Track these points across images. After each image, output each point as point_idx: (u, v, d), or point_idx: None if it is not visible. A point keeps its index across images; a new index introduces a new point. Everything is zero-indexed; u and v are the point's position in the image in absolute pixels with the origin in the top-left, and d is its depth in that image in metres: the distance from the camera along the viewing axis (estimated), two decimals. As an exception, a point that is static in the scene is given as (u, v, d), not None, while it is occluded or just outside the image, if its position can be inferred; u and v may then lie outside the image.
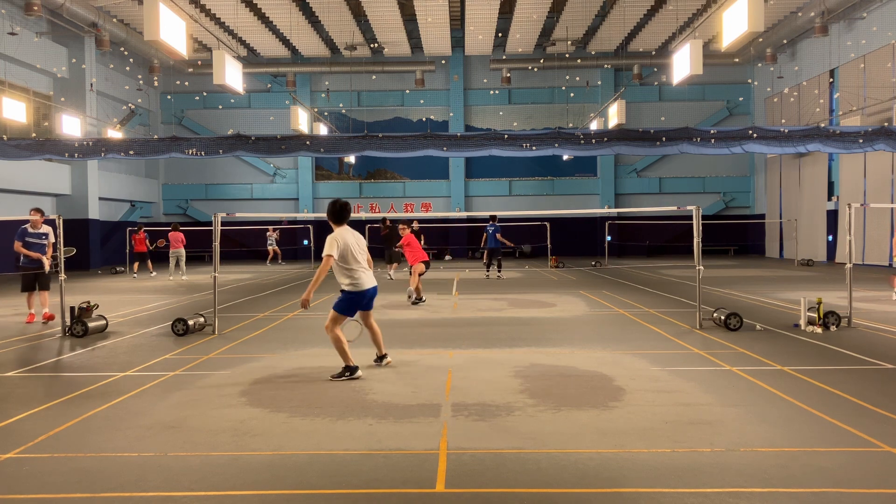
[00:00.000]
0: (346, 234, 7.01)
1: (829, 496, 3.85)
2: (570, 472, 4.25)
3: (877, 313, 11.50)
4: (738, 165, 34.94)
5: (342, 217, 7.15)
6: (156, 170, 35.34)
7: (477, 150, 21.12)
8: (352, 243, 6.98)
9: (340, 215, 7.14)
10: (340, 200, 7.19)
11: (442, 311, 12.50)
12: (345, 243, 6.93)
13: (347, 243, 6.94)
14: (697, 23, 25.16)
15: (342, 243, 6.92)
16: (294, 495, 3.96)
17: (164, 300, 15.04)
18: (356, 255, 6.98)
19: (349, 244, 6.95)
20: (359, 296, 7.00)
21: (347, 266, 6.94)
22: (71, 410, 5.80)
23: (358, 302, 7.05)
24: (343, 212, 7.14)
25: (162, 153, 21.85)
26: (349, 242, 6.96)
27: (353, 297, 6.99)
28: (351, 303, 7.01)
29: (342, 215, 7.15)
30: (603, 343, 8.89)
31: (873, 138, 19.83)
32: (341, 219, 7.14)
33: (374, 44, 31.53)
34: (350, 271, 6.95)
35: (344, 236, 6.98)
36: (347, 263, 6.93)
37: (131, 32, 27.50)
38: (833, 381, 6.57)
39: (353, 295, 6.98)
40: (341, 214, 7.14)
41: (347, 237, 7.00)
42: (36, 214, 11.37)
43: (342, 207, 7.15)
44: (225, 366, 7.66)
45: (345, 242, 6.93)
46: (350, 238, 7.02)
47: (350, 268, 6.95)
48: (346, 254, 6.92)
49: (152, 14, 15.11)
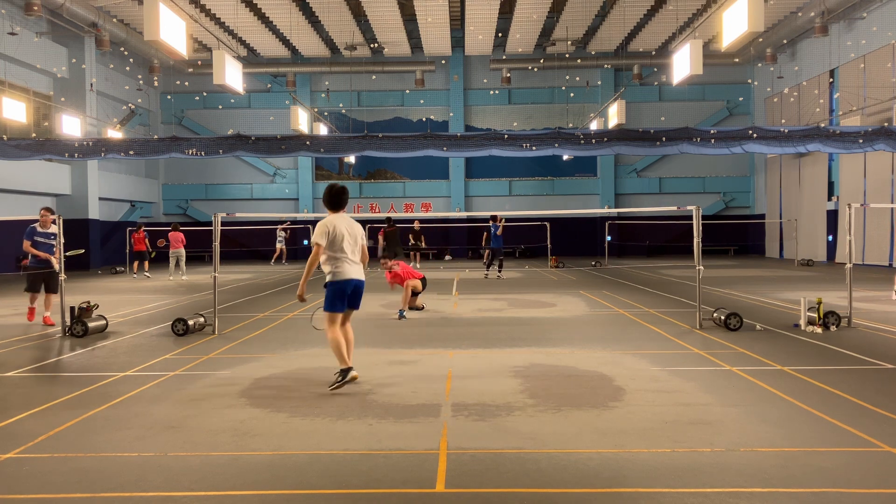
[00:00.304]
0: (337, 222, 6.57)
1: (829, 496, 3.85)
2: (570, 472, 4.25)
3: (877, 313, 11.50)
4: (738, 165, 34.94)
5: (338, 203, 6.69)
6: (156, 170, 35.35)
7: (477, 150, 21.12)
8: (344, 232, 6.55)
9: (336, 201, 6.69)
10: (338, 185, 6.75)
11: (442, 311, 12.50)
12: (335, 231, 6.50)
13: (338, 231, 6.51)
14: (697, 23, 25.16)
15: (332, 231, 6.49)
16: (294, 495, 3.96)
17: (164, 300, 15.04)
18: (343, 245, 6.51)
19: (340, 232, 6.51)
20: (342, 285, 6.52)
21: (333, 254, 6.51)
22: (71, 410, 5.80)
23: (342, 292, 6.54)
24: (339, 196, 6.69)
25: (162, 153, 21.85)
26: (340, 230, 6.52)
27: (336, 287, 6.53)
28: (335, 295, 6.54)
29: (337, 201, 6.69)
30: (603, 343, 8.89)
31: (873, 138, 19.83)
32: (337, 205, 6.69)
33: (374, 44, 31.53)
34: (335, 260, 6.51)
35: (336, 223, 6.54)
36: (333, 251, 6.50)
37: (131, 32, 27.50)
38: (833, 381, 6.57)
39: (335, 285, 6.53)
40: (337, 200, 6.69)
41: (340, 224, 6.55)
42: (46, 214, 11.30)
43: (339, 192, 6.69)
44: (225, 366, 7.66)
45: (335, 230, 6.50)
46: (342, 226, 6.57)
47: (336, 256, 6.51)
48: (334, 242, 6.49)
49: (152, 14, 15.11)
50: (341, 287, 6.54)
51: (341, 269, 6.53)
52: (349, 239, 6.58)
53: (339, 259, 6.53)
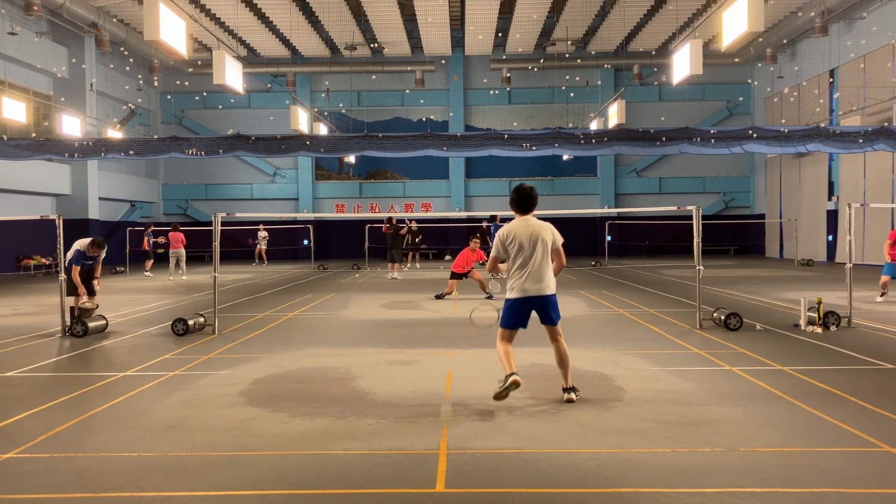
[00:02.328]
0: (519, 228, 5.89)
1: (829, 496, 3.85)
2: (570, 472, 4.25)
3: (877, 313, 11.50)
4: (738, 165, 34.93)
5: (527, 206, 5.96)
6: (156, 170, 35.34)
7: (477, 150, 21.13)
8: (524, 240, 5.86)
9: (524, 203, 5.96)
10: (525, 185, 6.01)
11: (442, 311, 12.49)
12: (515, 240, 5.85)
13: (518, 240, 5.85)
14: (697, 23, 25.15)
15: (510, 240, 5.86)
16: (294, 495, 3.96)
17: (164, 300, 15.04)
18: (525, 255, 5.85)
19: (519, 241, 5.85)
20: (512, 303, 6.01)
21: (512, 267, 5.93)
22: (71, 410, 5.80)
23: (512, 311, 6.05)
24: (527, 198, 5.96)
25: (162, 153, 21.86)
26: (519, 239, 5.85)
27: (508, 304, 6.05)
28: (506, 311, 6.07)
29: (526, 203, 5.96)
30: (603, 343, 8.89)
31: (873, 138, 19.83)
32: (526, 208, 5.96)
33: (374, 44, 31.52)
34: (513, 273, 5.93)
35: (516, 230, 5.88)
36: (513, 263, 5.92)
37: (131, 32, 27.50)
38: (833, 381, 6.57)
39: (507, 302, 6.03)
40: (526, 201, 5.96)
41: (521, 232, 5.87)
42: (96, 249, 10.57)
43: (527, 192, 5.96)
44: (225, 366, 7.66)
45: (514, 239, 5.86)
46: (524, 233, 5.88)
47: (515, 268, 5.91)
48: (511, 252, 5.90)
49: (152, 14, 15.11)
50: (511, 305, 5.97)
51: (515, 283, 5.90)
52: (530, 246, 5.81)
53: (518, 272, 5.88)
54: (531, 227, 5.89)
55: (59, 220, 10.48)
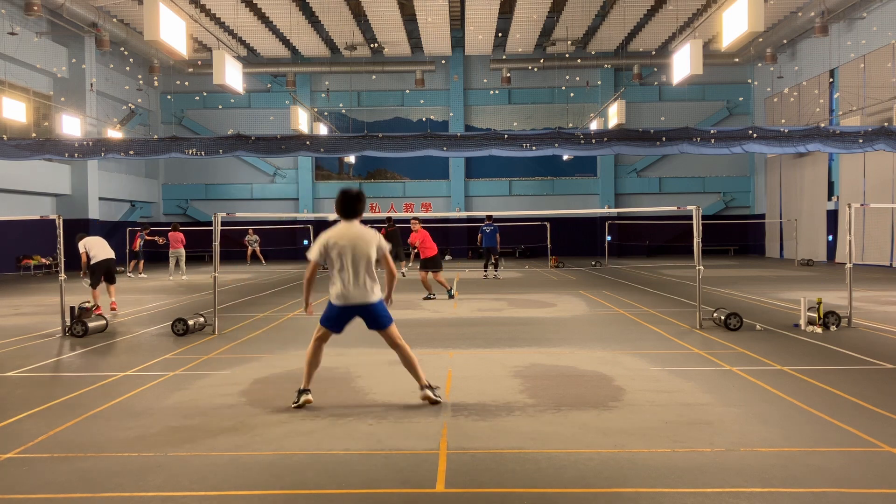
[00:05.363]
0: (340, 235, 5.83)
1: (829, 496, 3.85)
2: (570, 472, 4.25)
3: (877, 313, 11.50)
4: (738, 165, 34.93)
5: (352, 211, 5.90)
6: (156, 170, 35.34)
7: (477, 150, 21.11)
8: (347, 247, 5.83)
9: (349, 208, 5.90)
10: (354, 189, 5.91)
11: (442, 311, 12.49)
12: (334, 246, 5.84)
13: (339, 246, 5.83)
14: (697, 23, 25.15)
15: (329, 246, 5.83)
16: (294, 495, 3.96)
17: (164, 300, 15.04)
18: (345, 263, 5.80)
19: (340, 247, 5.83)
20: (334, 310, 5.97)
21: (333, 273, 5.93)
22: (71, 410, 5.80)
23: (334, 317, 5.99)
24: (353, 203, 5.89)
25: (162, 153, 21.84)
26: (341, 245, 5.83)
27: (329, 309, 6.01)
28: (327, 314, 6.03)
29: (351, 208, 5.89)
30: (603, 343, 8.89)
31: (873, 138, 19.81)
32: (350, 213, 5.90)
33: (374, 44, 31.52)
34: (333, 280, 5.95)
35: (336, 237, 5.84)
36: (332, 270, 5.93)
37: (131, 32, 27.49)
38: (833, 381, 6.57)
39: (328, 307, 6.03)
40: (351, 207, 5.90)
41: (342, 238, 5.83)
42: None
43: (354, 198, 5.89)
44: (225, 366, 7.66)
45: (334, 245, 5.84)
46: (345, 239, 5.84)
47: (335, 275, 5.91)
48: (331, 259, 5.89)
49: (152, 14, 15.11)
50: (332, 310, 5.86)
51: (337, 291, 5.79)
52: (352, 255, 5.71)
53: (338, 279, 5.77)
54: (354, 233, 5.77)
55: (59, 220, 10.48)
